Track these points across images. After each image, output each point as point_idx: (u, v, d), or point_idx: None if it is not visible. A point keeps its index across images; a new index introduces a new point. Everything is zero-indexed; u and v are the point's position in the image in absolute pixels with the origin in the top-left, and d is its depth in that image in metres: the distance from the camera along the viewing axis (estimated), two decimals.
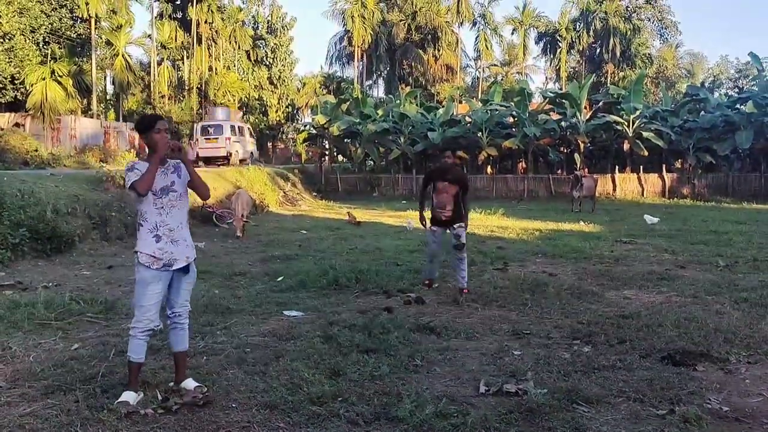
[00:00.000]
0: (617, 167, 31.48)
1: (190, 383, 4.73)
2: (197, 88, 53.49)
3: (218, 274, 9.97)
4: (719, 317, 6.82)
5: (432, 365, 5.30)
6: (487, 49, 70.75)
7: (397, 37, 65.87)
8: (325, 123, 35.11)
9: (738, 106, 32.01)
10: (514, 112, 32.81)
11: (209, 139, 30.35)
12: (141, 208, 4.56)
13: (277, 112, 65.18)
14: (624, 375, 5.00)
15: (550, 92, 36.08)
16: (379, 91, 70.52)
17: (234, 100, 51.94)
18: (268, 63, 65.77)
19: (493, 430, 3.97)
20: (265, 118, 62.24)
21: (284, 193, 30.46)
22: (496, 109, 33.53)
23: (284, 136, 70.46)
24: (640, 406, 4.40)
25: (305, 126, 38.03)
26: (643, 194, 30.29)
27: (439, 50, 68.55)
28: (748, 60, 77.31)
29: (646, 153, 30.01)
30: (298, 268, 10.01)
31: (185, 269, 4.71)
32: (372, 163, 36.76)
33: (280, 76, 66.85)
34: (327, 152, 39.02)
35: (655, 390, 4.66)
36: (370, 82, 71.28)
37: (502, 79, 69.73)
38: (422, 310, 7.36)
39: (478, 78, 75.07)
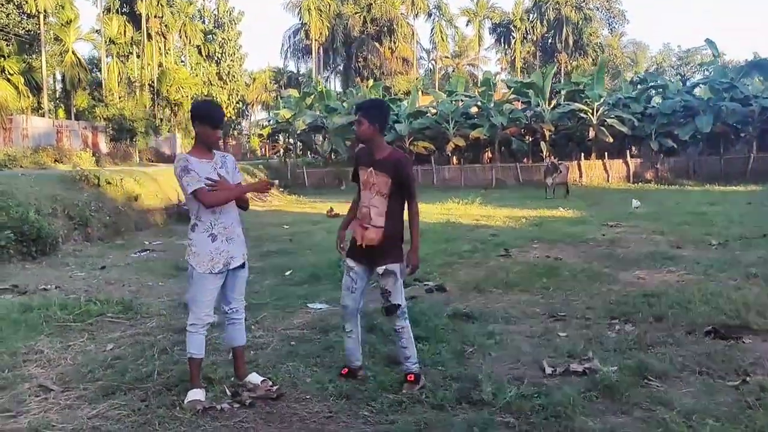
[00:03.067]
0: (582, 154, 32.05)
1: (255, 377, 4.62)
2: (149, 84, 52.29)
3: None
4: (741, 292, 6.97)
5: (486, 350, 5.30)
6: (443, 40, 71.13)
7: (353, 29, 65.66)
8: (290, 117, 34.78)
9: (696, 91, 32.88)
10: (479, 103, 33.03)
11: None
12: (193, 206, 4.39)
13: (227, 108, 64.14)
14: (679, 350, 5.08)
15: (515, 82, 36.45)
16: (335, 85, 70.28)
17: (187, 96, 50.92)
18: (217, 58, 64.62)
19: (579, 408, 3.97)
20: None
21: None
22: (462, 100, 33.70)
23: (236, 133, 69.38)
24: (710, 379, 4.47)
25: (269, 121, 37.55)
26: (608, 180, 30.94)
27: (395, 43, 68.58)
28: (689, 48, 79.79)
29: (611, 139, 30.63)
30: (302, 262, 9.91)
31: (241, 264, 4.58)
32: (334, 157, 36.57)
33: (229, 72, 65.78)
34: (292, 147, 38.66)
35: (716, 363, 4.75)
36: (326, 75, 70.92)
37: (453, 71, 70.31)
38: (448, 298, 7.34)
39: (431, 70, 75.46)
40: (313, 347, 5.48)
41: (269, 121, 37.62)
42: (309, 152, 38.87)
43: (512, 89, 34.71)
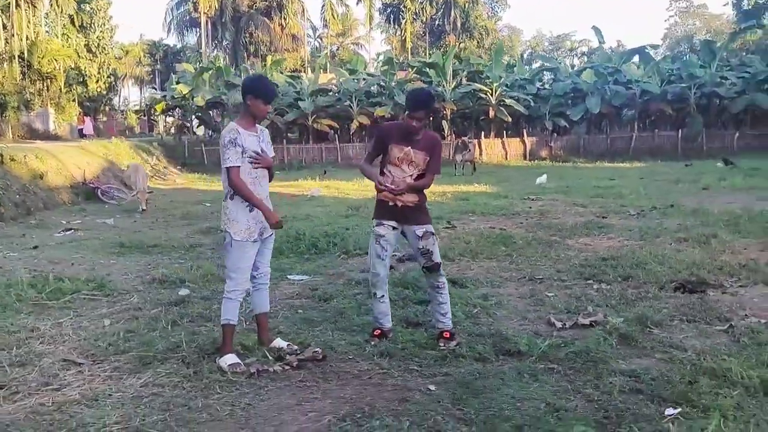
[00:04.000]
0: (483, 133, 33.24)
1: (281, 342, 4.74)
2: (18, 56, 48.65)
3: (170, 247, 9.60)
4: (683, 254, 7.74)
5: (489, 310, 5.66)
6: (334, 18, 70.92)
7: (242, 4, 64.11)
8: (187, 93, 33.71)
9: (583, 75, 34.85)
10: (382, 81, 33.43)
11: None
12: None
13: (97, 82, 60.52)
14: (660, 303, 5.66)
15: (418, 62, 37.10)
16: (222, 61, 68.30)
17: (59, 69, 47.71)
18: (85, 29, 60.76)
19: (602, 354, 4.40)
20: (85, 90, 57.41)
21: (151, 167, 29.09)
22: (365, 79, 33.96)
23: (107, 108, 65.76)
24: (700, 325, 5.05)
25: (163, 96, 36.14)
26: (506, 157, 32.32)
27: (285, 19, 67.56)
28: (560, 33, 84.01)
29: (509, 119, 31.97)
30: None
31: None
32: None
33: (99, 44, 62.15)
34: (188, 124, 37.47)
35: (698, 312, 5.35)
36: (211, 50, 68.78)
37: (338, 49, 70.43)
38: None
39: (317, 48, 75.14)
40: (325, 314, 5.64)
41: (163, 96, 36.18)
42: (207, 129, 37.78)
43: (414, 69, 35.36)
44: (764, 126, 35.22)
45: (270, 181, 4.76)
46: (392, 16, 72.67)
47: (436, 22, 71.23)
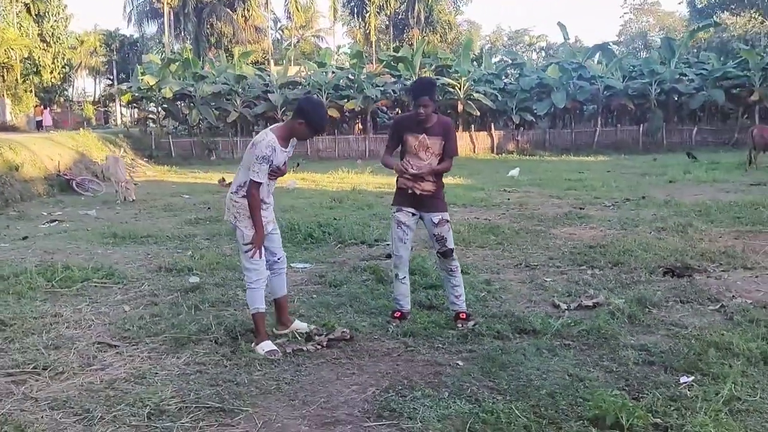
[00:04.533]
0: None
1: (301, 324, 4.97)
2: None
3: (164, 238, 9.71)
4: (664, 242, 8.18)
5: (495, 293, 5.99)
6: (297, 10, 70.59)
7: None
8: (154, 84, 33.35)
9: (548, 70, 35.56)
10: (351, 75, 33.60)
11: None
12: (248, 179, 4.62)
13: (52, 73, 59.16)
14: (653, 287, 6.06)
15: (388, 55, 37.34)
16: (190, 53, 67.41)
17: (16, 59, 46.57)
18: (41, 18, 59.29)
19: (612, 331, 4.75)
20: (39, 80, 56.07)
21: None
22: (333, 72, 34.08)
23: (61, 99, 64.34)
24: (694, 305, 5.46)
25: (129, 87, 35.63)
26: (474, 151, 32.86)
27: (248, 10, 66.99)
28: (519, 28, 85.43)
29: (477, 113, 32.47)
30: None
31: None
32: (202, 126, 35.56)
33: (53, 33, 60.73)
34: (155, 115, 37.03)
35: (690, 294, 5.76)
36: (172, 40, 67.84)
37: (299, 42, 70.28)
38: (417, 254, 7.90)
39: (278, 40, 74.83)
40: (340, 298, 5.89)
41: (129, 87, 35.68)
42: (175, 121, 37.39)
43: (384, 62, 35.61)
44: (720, 122, 36.49)
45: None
46: (356, 9, 72.68)
47: (400, 16, 71.50)
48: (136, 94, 35.23)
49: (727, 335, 4.47)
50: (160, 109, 36.37)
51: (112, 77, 71.48)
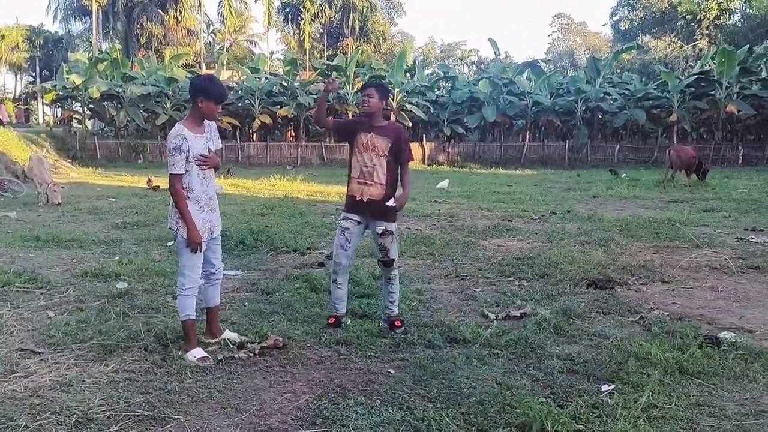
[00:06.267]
0: None
1: (231, 334, 4.93)
2: None
3: (89, 242, 9.44)
4: (588, 255, 8.49)
5: (426, 303, 6.10)
6: (231, 14, 69.79)
7: None
8: (80, 84, 32.31)
9: (479, 85, 36.35)
10: (284, 81, 33.45)
11: None
12: (186, 181, 4.50)
13: None
14: (577, 299, 6.29)
15: (322, 64, 37.32)
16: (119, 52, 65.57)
17: None
18: None
19: (538, 341, 4.92)
20: None
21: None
22: (267, 77, 33.84)
23: None
24: (615, 317, 5.70)
25: (53, 86, 34.38)
26: None
27: (180, 12, 65.82)
28: (451, 42, 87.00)
29: (410, 124, 32.84)
30: (170, 234, 9.87)
31: None
32: (129, 128, 34.65)
33: None
34: (80, 116, 35.81)
35: (611, 306, 6.01)
36: (98, 39, 65.91)
37: (231, 46, 69.55)
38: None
39: (210, 43, 73.86)
40: (272, 306, 5.88)
41: (54, 86, 34.42)
42: (101, 122, 36.29)
43: (318, 70, 35.58)
44: (641, 140, 38.11)
45: (218, 169, 4.89)
46: (290, 16, 72.46)
47: (334, 25, 71.69)
48: (61, 93, 34.07)
49: (646, 346, 4.68)
50: (85, 109, 35.23)
51: (34, 74, 68.92)
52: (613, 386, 4.03)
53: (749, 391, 4.03)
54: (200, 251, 4.56)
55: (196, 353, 4.50)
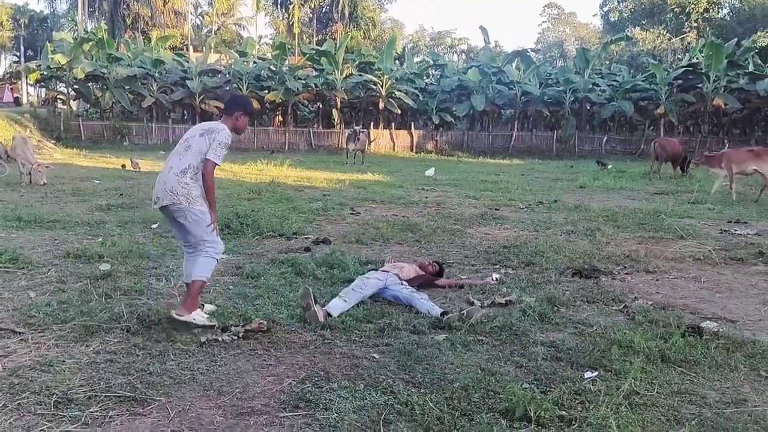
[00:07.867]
0: (372, 123, 33.84)
1: (210, 306, 5.12)
2: None
3: (73, 223, 9.36)
4: (574, 244, 8.52)
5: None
6: None
7: None
8: (65, 64, 31.88)
9: (468, 73, 36.27)
10: (273, 66, 33.21)
11: None
12: (200, 164, 4.81)
13: None
14: (561, 287, 6.30)
15: (311, 49, 37.07)
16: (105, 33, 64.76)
17: None
18: None
19: (523, 328, 4.92)
20: None
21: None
22: (255, 62, 33.59)
23: None
24: (599, 305, 5.72)
25: (38, 65, 33.91)
26: (394, 149, 33.14)
27: None
28: (441, 30, 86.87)
29: (398, 111, 32.75)
30: (154, 215, 9.80)
31: None
32: (115, 110, 34.26)
33: None
34: (65, 96, 35.35)
35: (596, 294, 6.03)
36: (84, 19, 65.04)
37: (219, 29, 69.01)
38: (336, 249, 7.93)
39: (198, 26, 73.24)
40: (258, 290, 5.85)
41: (38, 66, 33.95)
42: (86, 103, 35.86)
43: (307, 56, 35.37)
44: (628, 132, 38.25)
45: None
46: (279, 0, 71.90)
47: (324, 10, 71.21)
48: (45, 73, 33.60)
49: (629, 334, 4.70)
50: (70, 89, 34.80)
51: (18, 54, 68.04)
52: (596, 373, 4.04)
53: (730, 380, 4.05)
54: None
55: (203, 315, 4.73)
